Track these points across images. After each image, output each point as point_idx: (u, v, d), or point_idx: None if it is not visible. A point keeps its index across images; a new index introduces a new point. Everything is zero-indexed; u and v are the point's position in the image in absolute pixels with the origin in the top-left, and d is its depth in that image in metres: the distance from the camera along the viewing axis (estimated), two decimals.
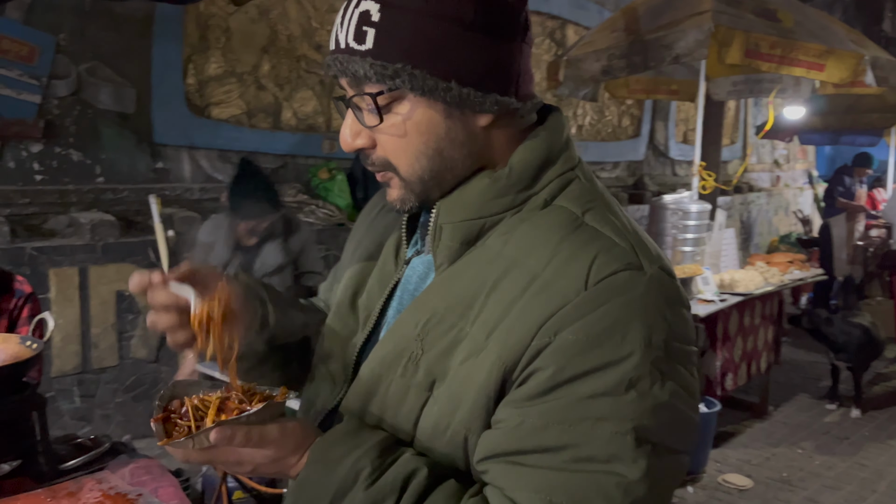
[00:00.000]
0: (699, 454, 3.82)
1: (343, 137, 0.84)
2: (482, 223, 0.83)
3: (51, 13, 3.81)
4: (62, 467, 1.88)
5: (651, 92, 5.52)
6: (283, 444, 0.79)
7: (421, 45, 0.77)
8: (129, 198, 4.16)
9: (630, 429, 0.72)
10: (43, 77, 3.82)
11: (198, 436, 0.77)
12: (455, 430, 0.78)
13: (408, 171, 0.82)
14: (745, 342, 4.31)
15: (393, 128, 0.80)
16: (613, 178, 7.58)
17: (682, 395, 0.75)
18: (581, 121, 7.20)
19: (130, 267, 3.88)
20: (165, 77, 4.24)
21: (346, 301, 0.96)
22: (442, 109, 0.80)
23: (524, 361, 0.75)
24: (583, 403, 0.72)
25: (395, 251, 0.94)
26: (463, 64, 0.78)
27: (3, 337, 1.97)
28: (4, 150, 3.74)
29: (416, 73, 0.77)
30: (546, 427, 0.73)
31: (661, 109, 8.01)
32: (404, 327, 0.84)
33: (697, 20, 3.62)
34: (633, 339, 0.72)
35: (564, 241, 0.78)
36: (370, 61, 0.77)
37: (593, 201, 0.83)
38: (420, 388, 0.81)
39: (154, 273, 0.84)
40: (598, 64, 3.94)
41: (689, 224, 4.20)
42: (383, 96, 0.78)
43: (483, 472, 0.77)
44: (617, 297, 0.74)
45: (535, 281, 0.76)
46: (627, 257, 0.76)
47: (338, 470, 0.77)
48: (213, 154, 4.52)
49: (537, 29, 6.62)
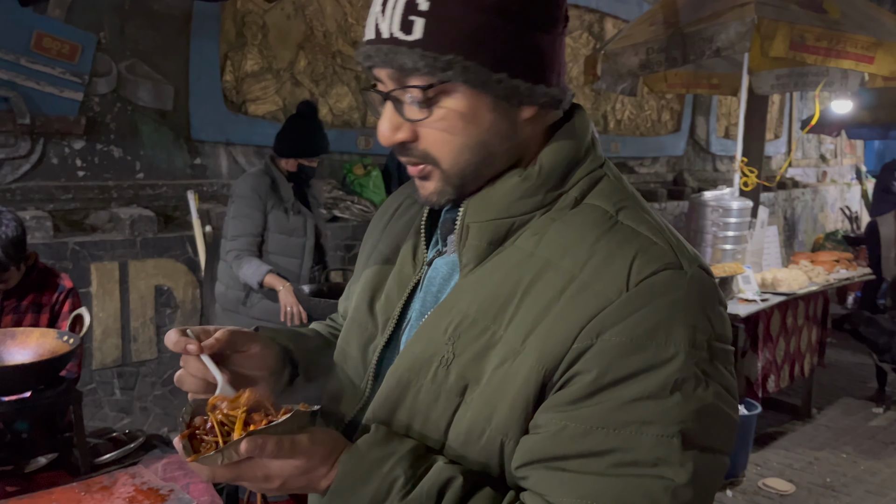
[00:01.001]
0: (739, 457, 3.74)
1: (382, 132, 0.80)
2: (511, 223, 0.81)
3: (91, 12, 3.87)
4: (97, 461, 1.91)
5: (691, 86, 5.40)
6: (314, 453, 0.76)
7: (472, 35, 0.75)
8: (167, 193, 4.22)
9: (676, 432, 0.70)
10: (84, 75, 3.89)
11: (227, 449, 0.74)
12: (491, 436, 0.76)
13: (450, 165, 0.80)
14: (787, 343, 4.19)
15: (439, 121, 0.78)
16: (652, 174, 7.45)
17: (724, 396, 0.74)
18: (620, 115, 7.09)
19: (169, 261, 3.94)
20: (203, 74, 4.29)
21: (363, 305, 0.94)
22: (489, 101, 0.77)
23: (565, 365, 0.73)
24: (627, 407, 0.71)
25: (413, 253, 0.92)
26: (512, 55, 0.77)
27: (41, 332, 2.01)
28: (48, 146, 3.82)
29: (468, 65, 0.75)
30: (589, 432, 0.71)
31: (702, 104, 7.85)
32: (433, 330, 0.81)
33: (739, 12, 3.52)
34: (677, 340, 0.71)
35: (600, 240, 0.76)
36: (420, 52, 0.74)
37: (625, 199, 0.81)
38: (451, 394, 0.78)
39: (191, 343, 0.82)
40: (636, 58, 3.87)
41: (729, 221, 4.10)
42: (433, 89, 0.76)
43: (522, 479, 0.75)
44: (659, 298, 0.72)
45: (573, 282, 0.74)
46: (667, 257, 0.75)
47: (371, 480, 0.75)
48: (249, 150, 4.55)
49: (575, 22, 6.54)
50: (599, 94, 6.62)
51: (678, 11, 3.85)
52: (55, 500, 1.67)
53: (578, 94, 6.60)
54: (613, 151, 6.94)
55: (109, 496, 1.70)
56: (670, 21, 3.83)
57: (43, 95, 3.76)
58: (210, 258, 4.00)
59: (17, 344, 1.95)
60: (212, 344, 0.83)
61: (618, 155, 7.00)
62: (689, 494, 0.70)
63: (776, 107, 8.95)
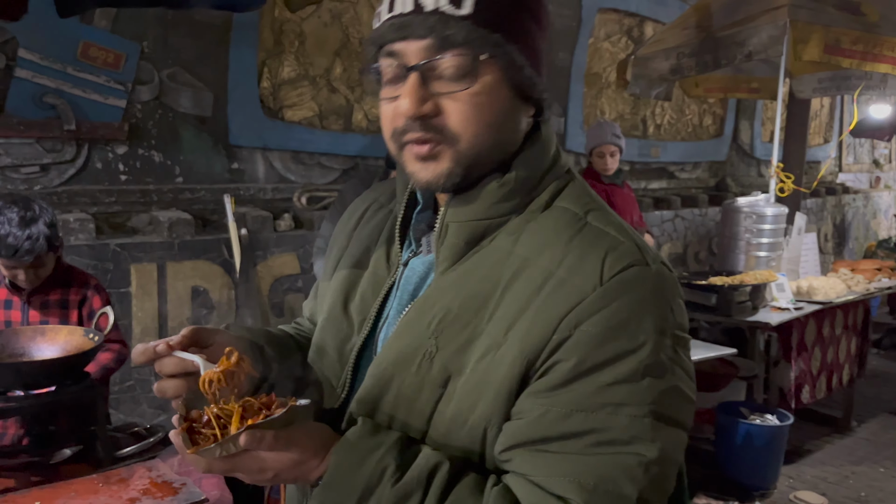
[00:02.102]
0: (770, 469, 3.66)
1: (406, 105, 0.80)
2: (487, 224, 0.86)
3: (136, 22, 4.02)
4: (117, 454, 1.99)
5: (729, 90, 5.31)
6: (307, 447, 0.81)
7: (515, 22, 0.81)
8: (205, 197, 4.35)
9: (648, 412, 0.77)
10: (128, 83, 4.04)
11: (226, 442, 0.78)
12: (474, 423, 0.81)
13: (471, 142, 0.83)
14: (824, 353, 4.09)
15: (472, 96, 0.81)
16: (693, 179, 7.34)
17: (685, 379, 0.81)
18: (659, 120, 7.01)
19: (205, 263, 4.06)
20: (241, 81, 4.40)
21: (338, 306, 0.98)
22: (511, 89, 0.84)
23: (545, 354, 0.79)
24: (603, 391, 0.77)
25: (387, 256, 0.96)
26: (537, 50, 0.84)
27: (69, 329, 2.11)
28: (92, 151, 3.98)
29: (510, 48, 0.81)
30: (569, 415, 0.77)
31: (746, 108, 7.70)
32: (416, 326, 0.86)
33: (773, 15, 3.46)
34: (646, 329, 0.78)
35: (573, 240, 0.83)
36: (470, 25, 0.78)
37: (591, 202, 0.88)
38: (435, 385, 0.83)
39: (159, 344, 0.86)
40: (666, 63, 3.83)
41: (763, 228, 4.02)
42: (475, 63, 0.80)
43: (506, 462, 0.80)
44: (630, 292, 0.79)
45: (551, 279, 0.80)
46: (634, 254, 0.81)
47: (362, 469, 0.79)
48: (286, 155, 4.66)
49: (614, 27, 6.49)
50: (639, 99, 6.55)
51: (711, 15, 3.80)
52: (75, 490, 1.75)
53: (617, 98, 6.55)
54: (653, 156, 6.86)
55: (125, 488, 1.77)
56: (703, 25, 3.79)
57: (88, 103, 3.92)
58: (245, 260, 4.11)
59: (46, 340, 2.06)
60: (178, 340, 0.88)
61: (657, 160, 6.91)
62: (658, 467, 0.77)
63: (825, 110, 8.71)
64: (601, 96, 6.48)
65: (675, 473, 0.82)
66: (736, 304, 3.64)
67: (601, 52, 6.41)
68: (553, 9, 3.85)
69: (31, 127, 3.77)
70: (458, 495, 0.78)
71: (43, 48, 3.75)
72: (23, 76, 3.73)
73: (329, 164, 4.84)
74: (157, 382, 0.90)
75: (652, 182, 6.90)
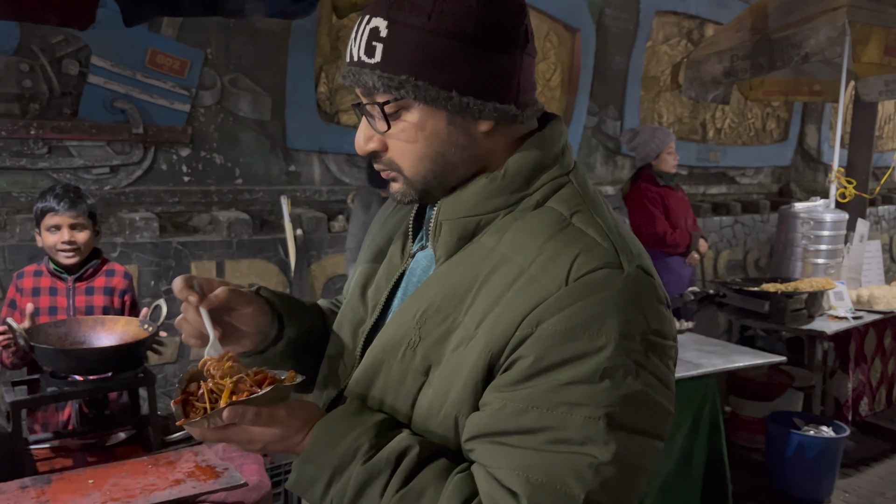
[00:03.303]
0: (824, 482, 3.56)
1: (357, 141, 0.93)
2: (478, 220, 0.90)
3: (200, 30, 4.20)
4: (167, 439, 2.10)
5: (790, 93, 5.17)
6: (290, 423, 0.87)
7: (424, 58, 0.84)
8: (263, 198, 4.50)
9: (603, 414, 0.77)
10: (192, 88, 4.23)
11: (212, 416, 0.85)
12: (447, 412, 0.85)
13: (411, 172, 0.90)
14: (885, 365, 3.95)
15: (401, 133, 0.88)
16: (755, 185, 7.15)
17: (656, 386, 0.81)
18: (720, 124, 6.86)
19: (262, 262, 4.21)
20: (299, 86, 4.54)
21: (357, 291, 1.05)
22: (444, 116, 0.87)
23: (508, 350, 0.81)
24: (560, 390, 0.78)
25: (402, 246, 1.02)
26: (463, 75, 0.85)
27: (126, 320, 2.23)
28: (158, 154, 4.18)
29: (419, 84, 0.85)
30: (526, 411, 0.79)
31: (812, 111, 7.46)
32: (405, 315, 0.91)
33: (831, 16, 3.37)
34: (608, 331, 0.78)
35: (551, 239, 0.84)
36: (378, 73, 0.85)
37: (582, 204, 0.89)
38: (417, 373, 0.88)
39: (192, 295, 0.94)
40: (719, 65, 3.78)
41: (822, 235, 3.92)
42: (390, 105, 0.87)
43: (470, 451, 0.84)
44: (595, 294, 0.79)
45: (522, 276, 0.83)
46: (608, 256, 0.82)
47: (338, 446, 0.85)
48: (340, 158, 4.78)
49: (673, 30, 6.41)
50: (697, 103, 6.44)
51: (768, 17, 3.73)
52: (126, 470, 1.86)
53: (675, 102, 6.45)
54: (712, 161, 6.73)
55: (172, 470, 1.87)
56: (758, 26, 3.72)
57: (155, 107, 4.12)
58: (300, 260, 4.24)
59: (105, 329, 2.19)
60: (210, 300, 0.95)
61: (717, 165, 6.77)
62: (611, 471, 0.77)
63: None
64: (659, 100, 6.40)
65: (638, 482, 0.81)
66: (790, 312, 3.55)
67: (659, 55, 6.33)
68: (610, 12, 3.90)
69: (102, 130, 3.99)
70: (424, 478, 0.82)
71: (114, 55, 3.96)
72: (95, 82, 3.95)
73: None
74: (178, 318, 0.98)
75: (711, 187, 6.77)
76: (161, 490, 1.71)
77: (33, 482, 1.73)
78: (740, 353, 3.11)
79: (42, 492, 1.68)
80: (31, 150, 3.83)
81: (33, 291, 2.35)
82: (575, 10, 5.58)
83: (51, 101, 3.87)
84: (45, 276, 2.37)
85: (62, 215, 2.29)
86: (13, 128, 3.75)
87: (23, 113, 3.81)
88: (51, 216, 2.30)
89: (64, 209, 2.29)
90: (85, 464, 1.95)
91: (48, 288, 2.36)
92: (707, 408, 2.92)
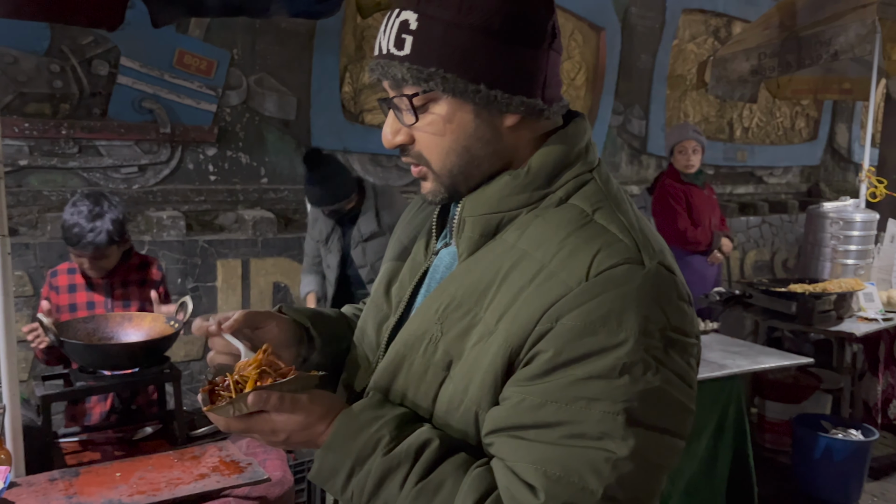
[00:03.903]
0: (852, 485, 3.50)
1: (384, 135, 0.93)
2: (500, 217, 0.90)
3: (226, 31, 4.25)
4: (192, 434, 2.13)
5: (819, 91, 5.09)
6: (312, 411, 0.88)
7: (453, 51, 0.85)
8: (288, 197, 4.54)
9: (621, 410, 0.77)
10: (218, 88, 4.28)
11: (237, 401, 0.86)
12: (467, 406, 0.85)
13: (439, 165, 0.90)
14: None
15: (428, 126, 0.89)
16: (783, 185, 7.06)
17: (675, 383, 0.80)
18: (747, 123, 6.78)
19: (286, 260, 4.24)
20: (324, 86, 4.58)
21: (381, 288, 1.06)
22: (471, 110, 0.87)
23: (528, 344, 0.81)
24: (578, 385, 0.78)
25: (426, 244, 1.03)
26: (491, 68, 0.86)
27: (153, 317, 2.27)
28: (185, 153, 4.23)
29: (448, 77, 0.85)
30: (544, 405, 0.79)
31: (843, 110, 7.35)
32: (427, 311, 0.91)
33: (861, 13, 3.32)
34: (627, 327, 0.78)
35: (571, 235, 0.84)
36: (407, 66, 0.86)
37: (604, 201, 0.89)
38: (438, 368, 0.88)
39: (212, 324, 0.96)
40: (746, 63, 3.73)
41: (851, 235, 3.85)
42: (419, 97, 0.87)
43: (489, 445, 0.84)
44: (614, 289, 0.79)
45: (542, 271, 0.83)
46: (628, 252, 0.82)
47: (359, 437, 0.86)
48: (364, 157, 4.80)
49: (700, 28, 6.35)
50: (724, 102, 6.37)
51: (796, 14, 3.68)
52: (152, 464, 1.88)
53: (702, 101, 6.39)
54: (739, 160, 6.65)
55: (197, 464, 1.90)
56: (786, 24, 3.67)
57: (182, 107, 4.17)
58: None
59: (133, 326, 2.23)
60: (230, 324, 0.97)
61: (744, 164, 6.70)
62: (628, 467, 0.77)
63: None
64: (685, 98, 6.34)
65: (657, 479, 0.81)
66: (818, 313, 3.50)
67: (685, 53, 6.27)
68: (635, 10, 3.87)
69: (131, 130, 4.05)
70: (443, 471, 0.82)
71: (142, 56, 4.02)
72: (124, 82, 4.01)
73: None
74: (209, 354, 1.00)
75: (738, 187, 6.69)
76: (186, 484, 1.74)
77: (62, 475, 1.76)
78: (766, 354, 3.07)
79: (70, 484, 1.71)
80: (61, 150, 3.90)
81: (69, 288, 2.39)
82: (600, 8, 5.55)
83: (81, 101, 3.94)
84: (79, 273, 2.40)
85: (81, 257, 2.29)
86: (44, 128, 3.83)
87: (53, 113, 3.89)
88: (72, 250, 2.29)
89: (82, 250, 2.25)
90: (112, 457, 1.99)
91: (84, 284, 2.40)
92: (732, 409, 2.89)
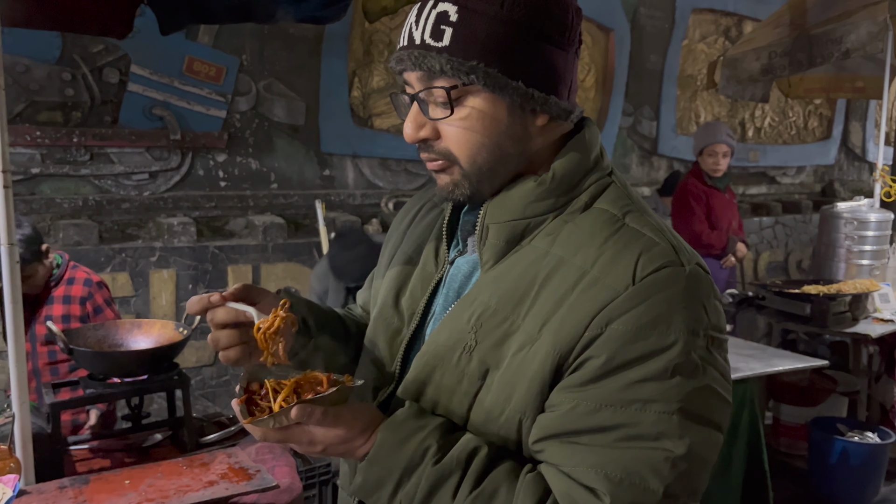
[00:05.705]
0: (869, 488, 3.45)
1: (407, 129, 0.90)
2: (526, 223, 0.89)
3: (235, 37, 4.27)
4: (202, 441, 2.12)
5: (832, 90, 5.05)
6: (353, 425, 0.86)
7: (494, 45, 0.84)
8: (297, 202, 4.55)
9: (676, 409, 0.79)
10: (228, 94, 4.29)
11: (279, 415, 0.84)
12: (510, 415, 0.85)
13: (468, 161, 0.89)
14: None
15: (461, 120, 0.87)
16: (796, 185, 7.00)
17: (718, 379, 0.82)
18: (759, 123, 6.73)
19: (296, 265, 4.25)
20: (332, 91, 4.58)
21: (389, 301, 1.03)
22: (506, 106, 0.87)
23: (577, 350, 0.81)
24: (632, 387, 0.79)
25: (436, 253, 1.01)
26: (530, 66, 0.86)
27: (162, 323, 2.27)
28: (195, 159, 4.25)
29: (489, 71, 0.84)
30: (598, 409, 0.80)
31: (857, 108, 7.28)
32: (457, 321, 0.90)
33: (871, 11, 3.28)
34: (676, 329, 0.79)
35: (609, 240, 0.85)
36: (447, 57, 0.84)
37: (630, 204, 0.90)
38: (473, 377, 0.87)
39: (212, 295, 0.93)
40: (757, 63, 3.70)
41: (866, 235, 3.80)
42: (456, 90, 0.85)
43: (538, 452, 0.84)
44: (662, 291, 0.80)
45: (584, 277, 0.83)
46: (669, 255, 0.83)
47: (405, 448, 0.84)
48: (374, 162, 4.80)
49: (710, 27, 6.31)
50: (736, 102, 6.33)
51: (807, 12, 3.64)
52: (161, 471, 1.88)
53: (713, 101, 6.35)
54: (752, 161, 6.60)
55: (206, 471, 1.89)
56: (797, 22, 3.64)
57: (192, 114, 4.19)
58: None
59: (142, 333, 2.23)
60: (231, 292, 0.94)
61: (756, 164, 6.64)
62: (685, 464, 0.79)
63: None
64: (695, 99, 6.30)
65: (707, 473, 0.83)
66: (833, 315, 3.45)
67: (696, 53, 6.24)
68: (644, 11, 3.84)
69: (142, 137, 4.08)
70: (495, 478, 0.82)
71: (152, 63, 4.04)
72: (134, 90, 4.04)
73: (415, 171, 4.95)
74: (210, 335, 0.96)
75: (751, 187, 6.64)
76: (195, 491, 1.73)
77: (71, 482, 1.76)
78: (780, 356, 3.03)
79: (80, 492, 1.71)
80: (73, 158, 3.93)
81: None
82: (609, 9, 5.53)
83: (92, 108, 3.97)
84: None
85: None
86: (56, 135, 3.86)
87: (65, 121, 3.91)
88: None
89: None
90: (122, 464, 1.98)
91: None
92: (746, 413, 2.85)
